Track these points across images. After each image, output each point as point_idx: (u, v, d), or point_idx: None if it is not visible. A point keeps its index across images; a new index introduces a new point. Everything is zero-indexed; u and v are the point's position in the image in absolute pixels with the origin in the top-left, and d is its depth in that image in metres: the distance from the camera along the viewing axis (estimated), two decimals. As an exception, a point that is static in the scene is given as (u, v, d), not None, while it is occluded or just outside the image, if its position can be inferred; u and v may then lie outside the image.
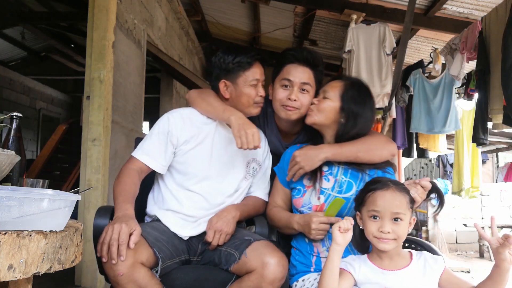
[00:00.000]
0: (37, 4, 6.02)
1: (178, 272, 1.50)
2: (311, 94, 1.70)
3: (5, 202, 0.84)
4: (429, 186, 1.37)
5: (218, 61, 1.66)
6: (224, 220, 1.56)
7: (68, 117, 9.58)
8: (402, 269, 1.26)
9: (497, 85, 2.90)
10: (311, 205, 1.55)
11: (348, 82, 1.62)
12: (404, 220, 1.24)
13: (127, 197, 1.47)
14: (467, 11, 3.79)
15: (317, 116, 1.59)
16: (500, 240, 1.15)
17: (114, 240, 1.29)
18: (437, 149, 4.95)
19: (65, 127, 5.04)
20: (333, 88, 1.60)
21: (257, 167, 1.75)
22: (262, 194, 1.77)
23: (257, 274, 1.39)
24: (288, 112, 1.69)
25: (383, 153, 1.59)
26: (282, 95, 1.69)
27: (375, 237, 1.25)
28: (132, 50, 3.63)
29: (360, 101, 1.57)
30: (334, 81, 1.65)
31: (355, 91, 1.58)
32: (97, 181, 2.93)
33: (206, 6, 5.54)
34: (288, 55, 1.74)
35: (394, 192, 1.26)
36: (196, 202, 1.61)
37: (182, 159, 1.62)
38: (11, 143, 1.30)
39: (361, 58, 4.10)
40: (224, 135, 1.67)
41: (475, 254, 6.81)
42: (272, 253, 1.41)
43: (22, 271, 0.83)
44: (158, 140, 1.59)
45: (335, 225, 1.25)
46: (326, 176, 1.57)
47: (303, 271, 1.54)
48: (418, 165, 11.78)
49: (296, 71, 1.70)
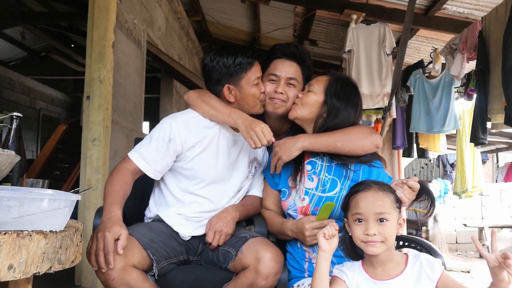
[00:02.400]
0: (37, 4, 6.01)
1: (177, 272, 1.50)
2: (298, 89, 1.70)
3: (5, 202, 0.84)
4: (417, 186, 1.29)
5: (217, 65, 1.59)
6: (224, 221, 1.56)
7: (68, 117, 9.58)
8: (395, 277, 1.21)
9: (497, 85, 2.91)
10: (296, 207, 1.54)
11: (334, 77, 1.60)
12: (390, 220, 1.19)
13: (116, 198, 1.44)
14: (467, 11, 3.79)
15: (299, 110, 1.57)
16: (499, 259, 1.06)
17: (99, 250, 1.27)
18: (437, 149, 4.95)
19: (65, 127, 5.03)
20: (318, 82, 1.58)
21: (258, 166, 1.75)
22: (258, 192, 1.77)
23: (251, 270, 1.39)
24: (275, 105, 1.69)
25: (365, 144, 1.53)
26: (269, 88, 1.70)
27: (363, 242, 1.19)
28: (132, 50, 3.63)
29: (343, 97, 1.54)
30: (321, 76, 1.63)
31: (339, 86, 1.56)
32: (97, 181, 2.93)
33: (206, 6, 5.54)
34: (275, 50, 1.75)
35: (376, 192, 1.21)
36: (201, 205, 1.61)
37: (188, 165, 1.58)
38: (11, 143, 1.30)
39: (361, 58, 4.09)
40: (227, 137, 1.66)
41: (475, 254, 6.81)
42: (266, 248, 1.41)
43: (22, 271, 0.83)
44: (156, 146, 1.54)
45: (320, 232, 1.22)
46: (310, 176, 1.56)
47: (297, 277, 1.53)
48: (418, 165, 11.77)
49: (283, 66, 1.71)
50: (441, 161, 9.74)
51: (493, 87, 2.99)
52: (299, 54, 1.73)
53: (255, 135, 1.49)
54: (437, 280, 1.19)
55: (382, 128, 4.54)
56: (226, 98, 1.62)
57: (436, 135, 4.78)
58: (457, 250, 7.09)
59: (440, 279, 1.19)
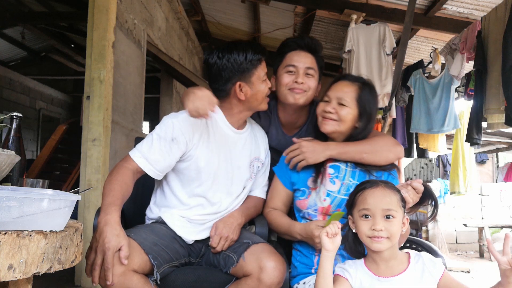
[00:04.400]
0: (37, 4, 6.02)
1: (178, 273, 1.50)
2: (316, 79, 1.73)
3: (5, 202, 0.84)
4: (421, 188, 1.33)
5: (228, 62, 1.55)
6: (231, 226, 1.55)
7: (68, 117, 9.58)
8: (399, 275, 1.22)
9: (494, 85, 2.91)
10: (316, 206, 1.54)
11: (360, 84, 1.59)
12: (397, 218, 1.21)
13: (115, 198, 1.38)
14: (467, 11, 3.79)
15: (339, 126, 1.56)
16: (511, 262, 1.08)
17: (96, 265, 1.25)
18: (436, 149, 4.95)
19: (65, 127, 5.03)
20: (347, 93, 1.55)
21: (260, 165, 1.73)
22: (261, 193, 1.77)
23: (254, 278, 1.38)
24: (296, 95, 1.69)
25: (389, 156, 1.57)
26: (288, 79, 1.70)
27: (368, 237, 1.21)
28: (132, 50, 3.63)
29: (373, 104, 1.58)
30: (342, 84, 1.59)
31: (368, 92, 1.57)
32: (97, 181, 2.93)
33: (206, 6, 5.54)
34: (290, 42, 1.77)
35: (384, 189, 1.24)
36: (205, 208, 1.60)
37: (193, 164, 1.56)
38: (11, 143, 1.30)
39: (361, 58, 4.10)
40: (226, 134, 1.64)
41: (475, 254, 6.80)
42: (270, 257, 1.41)
43: (22, 271, 0.82)
44: (159, 146, 1.50)
45: (322, 231, 1.23)
46: (332, 179, 1.56)
47: (304, 273, 1.53)
48: (418, 165, 11.77)
49: (300, 57, 1.72)
50: (441, 161, 9.75)
51: (490, 87, 2.99)
52: (313, 45, 1.75)
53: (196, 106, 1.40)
54: (439, 278, 1.21)
55: (382, 128, 4.53)
56: (237, 96, 1.59)
57: (435, 135, 4.78)
58: (457, 250, 7.09)
59: (442, 277, 1.21)
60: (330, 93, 1.58)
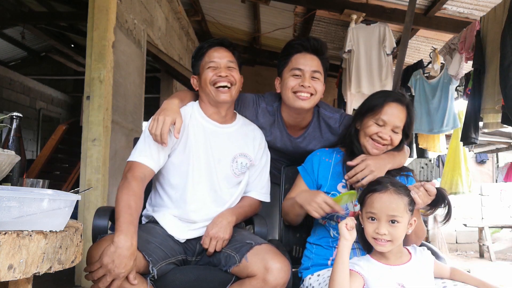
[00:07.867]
0: (37, 4, 6.01)
1: (177, 273, 1.50)
2: (322, 81, 1.73)
3: (5, 202, 0.84)
4: (433, 190, 1.36)
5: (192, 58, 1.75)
6: (220, 226, 1.55)
7: (68, 117, 9.57)
8: (407, 262, 1.31)
9: (491, 85, 2.91)
10: (348, 211, 1.56)
11: (408, 108, 1.59)
12: (401, 223, 1.26)
13: (133, 218, 1.37)
14: (467, 11, 3.80)
15: (386, 148, 1.59)
16: None
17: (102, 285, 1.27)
18: (436, 149, 4.95)
19: (65, 127, 5.03)
20: (402, 121, 1.57)
21: (248, 162, 1.69)
22: (258, 195, 1.75)
23: (259, 279, 1.39)
24: (302, 101, 1.69)
25: (402, 161, 1.66)
26: (294, 83, 1.70)
27: (373, 238, 1.28)
28: (132, 50, 3.63)
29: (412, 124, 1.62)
30: (397, 109, 1.56)
31: (411, 116, 1.59)
32: (97, 181, 2.93)
33: (206, 6, 5.54)
34: (295, 44, 1.75)
35: (392, 195, 1.28)
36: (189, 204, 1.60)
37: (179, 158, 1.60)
38: (11, 143, 1.30)
39: (361, 58, 4.10)
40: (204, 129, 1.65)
41: (475, 254, 6.80)
42: (275, 258, 1.41)
43: (22, 271, 0.83)
44: (151, 140, 1.53)
45: (342, 223, 1.27)
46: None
47: (319, 264, 1.55)
48: (418, 165, 11.77)
49: (305, 60, 1.71)
50: (441, 161, 9.73)
51: (487, 86, 2.99)
52: (319, 46, 1.74)
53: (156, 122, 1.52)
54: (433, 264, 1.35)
55: (382, 128, 4.53)
56: (194, 87, 1.74)
57: (435, 135, 4.78)
58: (457, 250, 7.09)
59: (434, 264, 1.35)
60: (386, 118, 1.54)
